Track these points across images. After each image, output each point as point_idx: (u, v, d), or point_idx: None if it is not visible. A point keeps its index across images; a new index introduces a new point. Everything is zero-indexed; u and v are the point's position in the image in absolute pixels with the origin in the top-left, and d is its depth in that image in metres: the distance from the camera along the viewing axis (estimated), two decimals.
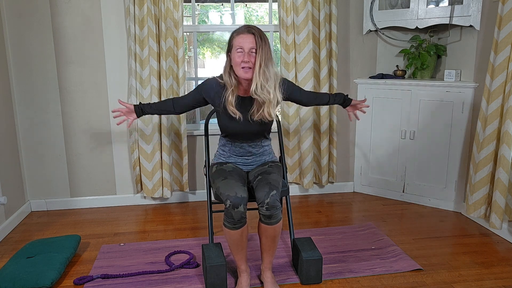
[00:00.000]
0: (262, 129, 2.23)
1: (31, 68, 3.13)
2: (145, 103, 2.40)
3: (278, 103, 2.15)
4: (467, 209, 2.89)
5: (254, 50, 2.01)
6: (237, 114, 2.12)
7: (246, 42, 2.01)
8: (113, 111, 2.40)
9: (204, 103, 2.29)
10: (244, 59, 2.01)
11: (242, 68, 2.03)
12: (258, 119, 2.14)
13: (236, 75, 2.10)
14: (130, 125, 2.45)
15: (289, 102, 3.32)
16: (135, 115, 2.37)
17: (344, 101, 2.51)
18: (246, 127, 2.19)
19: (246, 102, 2.16)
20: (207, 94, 2.22)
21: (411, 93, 3.29)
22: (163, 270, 2.37)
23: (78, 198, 3.39)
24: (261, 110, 2.10)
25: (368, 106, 2.60)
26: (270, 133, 2.38)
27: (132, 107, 2.36)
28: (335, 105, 3.43)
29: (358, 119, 2.60)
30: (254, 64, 2.01)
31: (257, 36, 2.01)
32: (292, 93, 2.29)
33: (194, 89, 2.30)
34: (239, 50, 2.03)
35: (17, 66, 3.11)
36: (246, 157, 2.30)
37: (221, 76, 2.19)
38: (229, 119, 2.18)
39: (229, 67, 2.12)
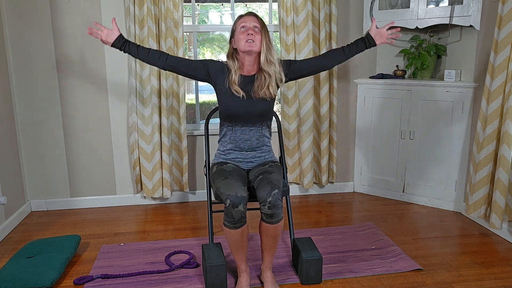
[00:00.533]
0: (263, 110, 2.24)
1: (31, 68, 3.13)
2: (132, 41, 2.30)
3: (281, 81, 2.23)
4: (467, 209, 2.89)
5: (257, 28, 2.15)
6: (241, 93, 2.19)
7: (249, 20, 2.16)
8: (95, 23, 2.34)
9: (201, 76, 2.29)
10: (248, 32, 2.13)
11: (246, 41, 2.13)
12: (260, 96, 2.20)
13: (238, 57, 2.21)
14: (99, 38, 2.28)
15: (289, 102, 3.34)
16: (112, 39, 2.26)
17: (365, 43, 2.34)
18: (248, 105, 2.22)
19: (248, 80, 2.23)
20: (212, 69, 2.26)
21: (411, 93, 3.29)
22: (163, 270, 2.37)
23: (78, 198, 3.39)
24: (265, 86, 2.18)
25: (393, 23, 2.38)
26: (271, 130, 2.38)
27: (118, 34, 2.28)
28: (335, 105, 3.44)
29: (396, 38, 2.35)
30: (261, 41, 2.14)
31: (259, 19, 2.19)
32: (290, 66, 2.30)
33: (198, 60, 2.32)
34: (242, 26, 2.16)
35: (17, 66, 3.11)
36: (246, 148, 2.29)
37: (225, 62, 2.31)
38: (232, 99, 2.22)
39: (232, 51, 2.23)
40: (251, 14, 2.20)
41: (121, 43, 2.28)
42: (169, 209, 3.38)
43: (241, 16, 2.21)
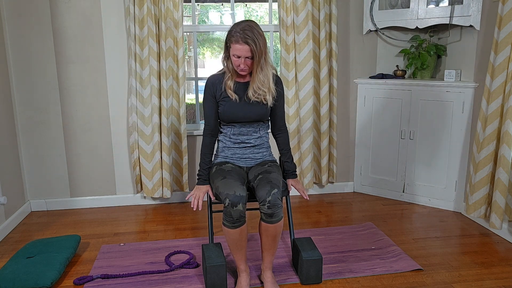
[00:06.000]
0: (260, 113, 2.26)
1: (31, 68, 3.13)
2: (200, 170, 2.30)
3: (273, 94, 2.24)
4: (467, 209, 2.89)
5: (249, 58, 2.12)
6: (234, 96, 2.22)
7: (243, 51, 2.09)
8: (192, 206, 2.28)
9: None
10: (241, 66, 2.13)
11: (238, 70, 2.17)
12: (254, 100, 2.22)
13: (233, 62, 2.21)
14: (201, 203, 2.24)
15: (289, 102, 3.34)
16: (204, 188, 2.28)
17: (288, 171, 2.39)
18: (245, 109, 2.23)
19: (243, 86, 2.25)
20: (214, 90, 2.26)
21: (411, 93, 3.29)
22: (163, 270, 2.37)
23: (78, 198, 3.39)
24: (257, 93, 2.21)
25: (306, 199, 2.39)
26: (269, 125, 2.39)
27: (200, 189, 2.28)
28: (335, 105, 3.44)
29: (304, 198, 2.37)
30: (251, 66, 2.15)
31: (252, 46, 2.07)
32: (279, 98, 2.30)
33: (206, 101, 2.28)
34: (236, 56, 2.12)
35: (17, 66, 3.11)
36: (244, 146, 2.30)
37: (218, 71, 2.32)
38: (229, 103, 2.24)
39: (227, 56, 2.20)
40: (245, 42, 2.06)
41: (207, 178, 2.30)
42: (169, 209, 3.38)
43: (236, 40, 2.07)
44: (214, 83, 2.27)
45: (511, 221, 2.74)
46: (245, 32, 2.06)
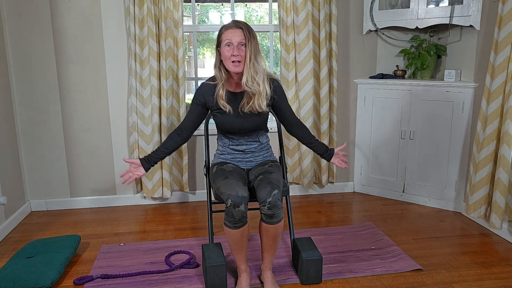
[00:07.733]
0: (256, 122, 2.23)
1: (31, 68, 3.13)
2: (154, 152, 2.26)
3: (267, 96, 2.17)
4: (467, 209, 2.89)
5: (243, 43, 2.06)
6: (227, 108, 2.16)
7: (235, 36, 2.05)
8: (120, 176, 2.29)
9: (206, 112, 2.28)
10: (233, 53, 2.06)
11: (232, 62, 2.08)
12: (249, 111, 2.17)
13: (226, 70, 2.15)
14: (131, 181, 2.24)
15: (289, 102, 3.33)
16: (143, 170, 2.24)
17: (323, 152, 2.37)
18: (240, 121, 2.20)
19: (237, 96, 2.20)
20: (206, 98, 2.22)
21: (411, 93, 3.29)
22: (163, 270, 2.37)
23: (78, 198, 3.39)
24: (251, 102, 2.14)
25: (344, 153, 2.40)
26: (268, 131, 2.38)
27: (139, 162, 2.24)
28: (335, 105, 3.44)
29: (346, 167, 2.43)
30: (244, 57, 2.06)
31: (245, 31, 2.06)
32: (280, 100, 2.26)
33: (192, 104, 2.26)
34: (228, 43, 2.07)
35: (17, 66, 3.11)
36: (244, 152, 2.30)
37: (210, 78, 2.25)
38: (224, 115, 2.21)
39: (219, 62, 2.15)
40: (237, 26, 2.07)
41: (151, 164, 2.26)
42: (169, 209, 3.38)
43: (226, 28, 2.09)
44: (204, 93, 2.22)
45: (511, 221, 2.74)
46: (237, 21, 2.10)
